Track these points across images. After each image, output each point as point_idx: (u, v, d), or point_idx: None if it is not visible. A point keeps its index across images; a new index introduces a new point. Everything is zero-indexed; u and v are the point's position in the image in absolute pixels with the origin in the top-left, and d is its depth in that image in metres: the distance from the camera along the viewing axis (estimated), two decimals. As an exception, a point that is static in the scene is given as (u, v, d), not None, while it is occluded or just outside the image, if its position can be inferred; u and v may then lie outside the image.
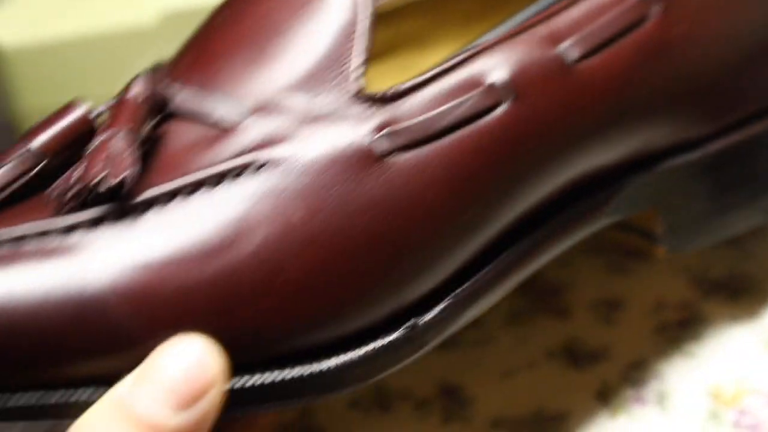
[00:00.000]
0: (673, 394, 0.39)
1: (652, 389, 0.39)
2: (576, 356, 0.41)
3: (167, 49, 0.48)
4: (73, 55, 0.49)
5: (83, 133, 0.32)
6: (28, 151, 0.31)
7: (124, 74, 0.48)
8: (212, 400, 0.29)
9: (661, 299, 0.42)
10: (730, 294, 0.42)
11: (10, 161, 0.31)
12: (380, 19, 0.39)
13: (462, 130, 0.33)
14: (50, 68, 0.50)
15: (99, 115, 0.32)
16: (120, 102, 0.32)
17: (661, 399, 0.39)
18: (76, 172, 0.30)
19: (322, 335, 0.31)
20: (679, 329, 0.41)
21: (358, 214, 0.31)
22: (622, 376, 0.39)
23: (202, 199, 0.30)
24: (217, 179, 0.31)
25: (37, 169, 0.31)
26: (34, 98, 0.51)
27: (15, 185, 0.31)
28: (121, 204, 0.30)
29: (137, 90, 0.32)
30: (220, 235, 0.30)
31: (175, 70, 0.34)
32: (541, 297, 0.43)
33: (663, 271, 0.44)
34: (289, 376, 0.31)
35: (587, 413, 0.38)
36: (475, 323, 0.35)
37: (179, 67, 0.34)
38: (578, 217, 0.36)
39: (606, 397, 0.39)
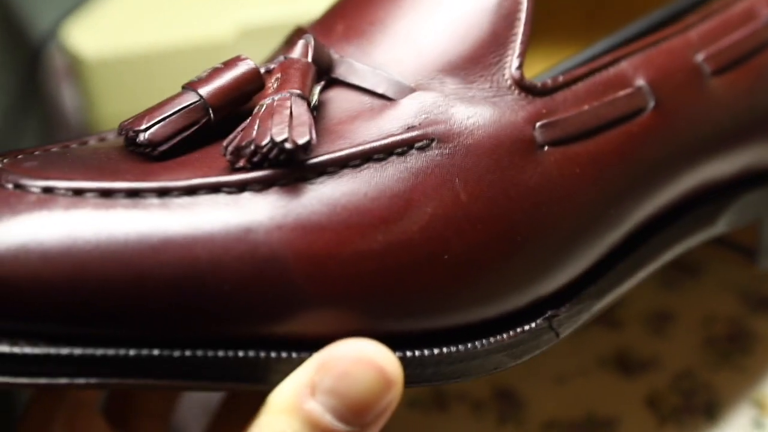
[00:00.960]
0: (720, 404, 0.40)
1: (700, 399, 0.40)
2: (627, 365, 0.42)
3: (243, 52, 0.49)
4: (152, 66, 0.51)
5: (250, 89, 0.31)
6: (198, 101, 0.30)
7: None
8: (389, 403, 0.29)
9: (710, 313, 0.44)
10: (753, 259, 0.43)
11: (178, 109, 0.30)
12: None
13: (611, 131, 0.33)
14: (128, 78, 0.51)
15: (268, 70, 0.32)
16: (287, 63, 0.31)
17: (709, 408, 0.40)
18: (249, 131, 0.29)
19: (470, 316, 0.31)
20: (728, 343, 0.42)
21: (519, 200, 0.32)
22: (671, 385, 0.41)
23: (372, 170, 0.30)
24: (386, 153, 0.30)
25: (204, 120, 0.30)
26: (111, 107, 0.52)
27: (184, 134, 0.30)
28: (295, 167, 0.29)
29: (301, 52, 0.32)
30: (391, 208, 0.30)
31: (327, 36, 0.33)
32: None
33: (713, 287, 0.45)
34: (433, 354, 0.31)
35: (636, 420, 0.40)
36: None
37: (332, 34, 0.34)
38: (693, 226, 0.37)
39: (655, 404, 0.40)
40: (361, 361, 0.28)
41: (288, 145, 0.29)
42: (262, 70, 0.31)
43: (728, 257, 0.45)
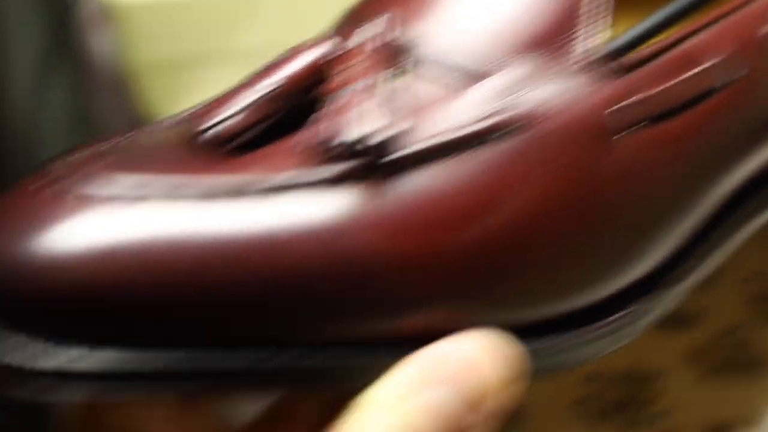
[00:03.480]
0: (763, 361, 0.40)
1: (742, 355, 0.40)
2: (670, 319, 0.42)
3: (278, 8, 0.49)
4: (188, 12, 0.51)
5: (318, 78, 0.30)
6: (266, 93, 0.29)
7: (236, 31, 0.50)
8: (510, 396, 0.28)
9: (758, 270, 0.43)
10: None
11: (248, 104, 0.29)
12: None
13: (687, 111, 0.32)
14: (164, 25, 0.51)
15: (329, 59, 0.30)
16: (358, 49, 0.30)
17: (751, 365, 0.39)
18: (328, 123, 0.28)
19: (556, 309, 0.31)
20: (772, 300, 0.42)
21: (604, 188, 0.31)
22: (714, 341, 0.40)
23: (454, 163, 0.29)
24: (467, 143, 0.29)
25: (274, 113, 0.30)
26: (146, 55, 0.52)
27: (255, 129, 0.29)
28: (377, 162, 0.28)
29: (370, 34, 0.30)
30: (478, 201, 0.29)
31: (386, 10, 0.32)
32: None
33: (762, 243, 0.44)
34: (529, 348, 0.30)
35: (677, 375, 0.39)
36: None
37: (394, 9, 0.32)
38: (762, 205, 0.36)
39: (697, 360, 0.40)
40: (485, 351, 0.28)
41: (374, 140, 0.28)
42: (331, 53, 0.30)
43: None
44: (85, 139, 0.65)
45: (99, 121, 0.63)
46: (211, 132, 0.29)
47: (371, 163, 0.28)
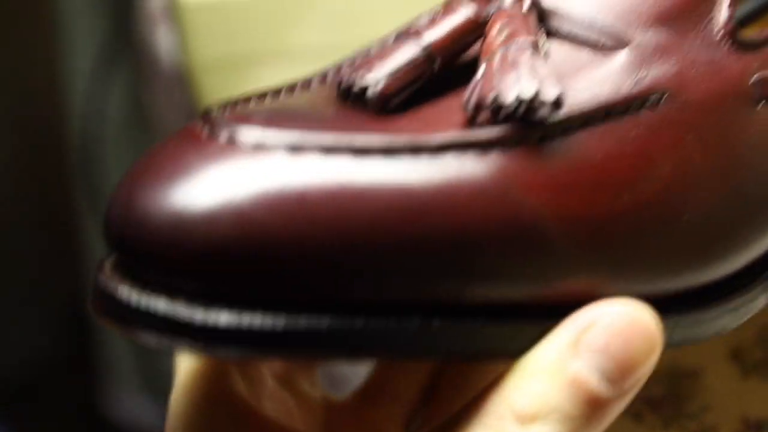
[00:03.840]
0: (804, 360, 0.40)
1: (783, 354, 0.40)
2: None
3: (334, 7, 0.50)
4: (250, 10, 0.51)
5: (473, 37, 0.30)
6: (422, 51, 0.29)
7: (293, 30, 0.51)
8: (650, 368, 0.28)
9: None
10: None
11: (405, 62, 0.29)
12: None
13: None
14: (226, 22, 0.52)
15: (486, 17, 0.30)
16: (510, 12, 0.30)
17: (792, 364, 0.40)
18: (488, 84, 0.28)
19: (699, 279, 0.31)
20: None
21: (744, 159, 0.31)
22: (756, 338, 0.41)
23: (611, 128, 0.29)
24: (621, 109, 0.29)
25: (430, 71, 0.29)
26: (208, 52, 0.53)
27: (412, 88, 0.29)
28: (538, 125, 0.28)
29: (517, 2, 0.30)
30: (635, 166, 0.29)
31: None
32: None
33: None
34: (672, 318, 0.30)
35: (719, 372, 0.40)
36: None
37: None
38: None
39: (739, 357, 0.40)
40: (633, 320, 0.27)
41: (541, 100, 0.28)
42: (484, 13, 0.30)
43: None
44: (143, 134, 0.66)
45: (157, 117, 0.64)
46: (373, 90, 0.28)
47: (530, 126, 0.28)
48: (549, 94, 0.28)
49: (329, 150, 0.27)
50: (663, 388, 0.40)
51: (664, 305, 0.29)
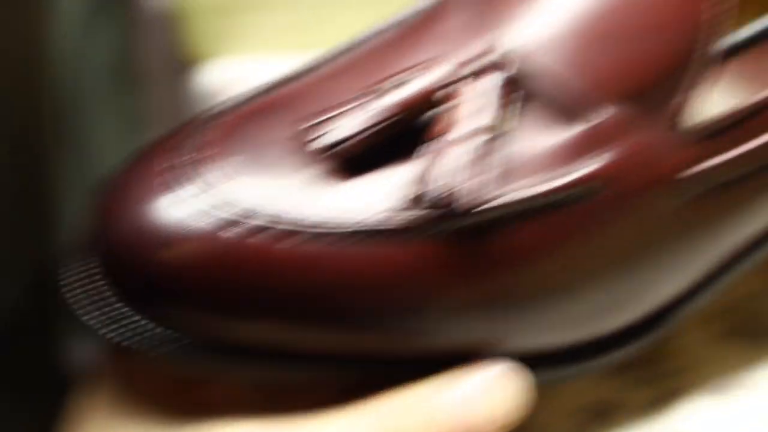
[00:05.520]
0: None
1: (751, 323, 0.40)
2: (755, 332, 0.42)
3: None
4: (250, 12, 0.51)
5: (437, 99, 0.31)
6: (385, 110, 0.30)
7: (322, 30, 0.50)
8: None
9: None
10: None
11: (365, 119, 0.30)
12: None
13: (759, 174, 0.33)
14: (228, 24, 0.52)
15: (442, 87, 0.31)
16: (482, 83, 0.30)
17: (757, 333, 0.40)
18: (430, 169, 0.29)
19: (567, 339, 0.33)
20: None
21: (654, 246, 0.32)
22: (729, 306, 0.41)
23: (541, 218, 0.30)
24: (558, 200, 0.30)
25: (389, 130, 0.30)
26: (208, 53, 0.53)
27: (371, 149, 0.30)
28: (460, 213, 0.29)
29: (498, 64, 0.31)
30: (549, 255, 0.30)
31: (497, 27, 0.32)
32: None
33: None
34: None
35: (692, 335, 0.40)
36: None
37: (510, 32, 0.32)
38: None
39: (719, 320, 0.41)
40: (498, 383, 0.31)
41: (460, 194, 0.29)
42: (453, 78, 0.31)
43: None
44: (128, 80, 0.65)
45: (144, 65, 0.64)
46: (321, 143, 0.30)
47: (458, 215, 0.29)
48: (476, 197, 0.29)
49: (269, 224, 0.29)
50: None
51: (535, 363, 0.32)
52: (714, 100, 0.38)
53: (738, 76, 0.40)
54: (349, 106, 0.30)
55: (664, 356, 0.39)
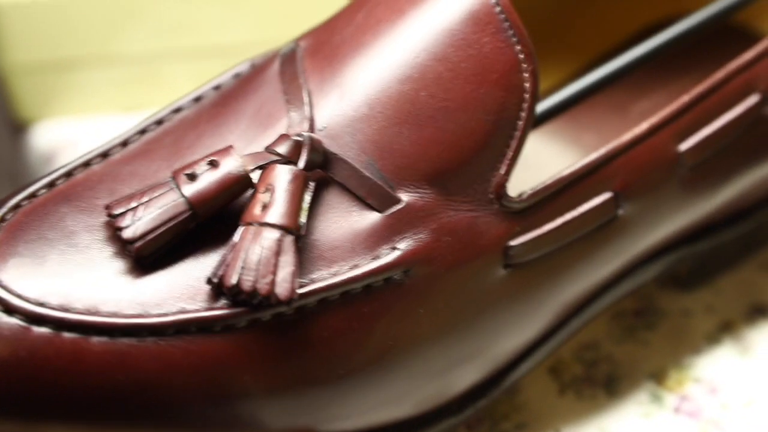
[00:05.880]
0: (620, 377, 0.40)
1: (601, 370, 0.40)
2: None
3: (160, 15, 0.48)
4: (65, 13, 0.50)
5: (238, 190, 0.30)
6: (182, 201, 0.30)
7: (116, 35, 0.49)
8: None
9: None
10: (683, 286, 0.43)
11: (164, 216, 0.30)
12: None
13: (579, 242, 0.34)
14: (41, 25, 0.50)
15: (254, 170, 0.31)
16: (279, 172, 0.30)
17: (609, 380, 0.40)
18: (233, 265, 0.29)
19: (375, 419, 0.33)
20: (634, 317, 0.42)
21: (476, 322, 0.33)
22: (575, 355, 0.41)
23: (346, 306, 0.30)
24: (363, 287, 0.31)
25: (189, 221, 0.30)
26: (23, 55, 0.51)
27: (171, 242, 0.30)
28: (262, 307, 0.29)
29: (294, 152, 0.31)
30: (354, 344, 0.30)
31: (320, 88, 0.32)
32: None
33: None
34: None
35: (538, 386, 0.40)
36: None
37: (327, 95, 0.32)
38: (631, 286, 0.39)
39: (557, 373, 0.40)
40: None
41: (272, 299, 0.29)
42: (251, 167, 0.30)
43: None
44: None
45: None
46: (126, 234, 0.30)
47: (261, 307, 0.29)
48: (283, 294, 0.29)
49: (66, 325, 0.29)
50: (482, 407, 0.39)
51: None
52: (536, 166, 0.39)
53: (559, 138, 0.41)
54: (156, 194, 0.30)
55: (511, 411, 0.38)
